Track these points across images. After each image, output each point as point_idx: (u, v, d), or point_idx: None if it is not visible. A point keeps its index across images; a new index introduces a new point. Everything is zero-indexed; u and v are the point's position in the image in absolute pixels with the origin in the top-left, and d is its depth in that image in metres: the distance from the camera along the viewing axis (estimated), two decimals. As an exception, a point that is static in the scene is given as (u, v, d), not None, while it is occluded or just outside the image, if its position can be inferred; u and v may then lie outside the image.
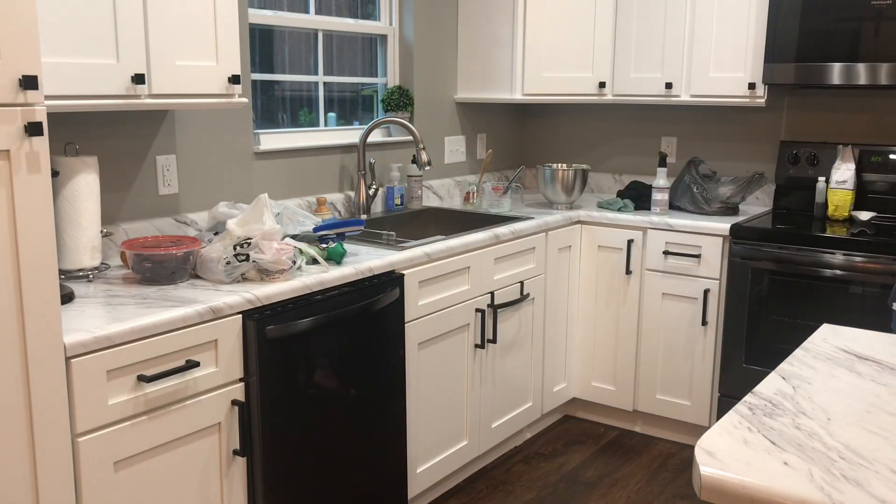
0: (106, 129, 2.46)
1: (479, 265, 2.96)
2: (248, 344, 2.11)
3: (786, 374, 1.58)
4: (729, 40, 3.38)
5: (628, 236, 3.42)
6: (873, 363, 1.65)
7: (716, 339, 3.31)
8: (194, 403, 2.00)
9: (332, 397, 2.39)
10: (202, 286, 2.16)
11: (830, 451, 1.24)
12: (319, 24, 3.31)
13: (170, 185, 2.65)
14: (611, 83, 3.70)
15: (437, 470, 2.91)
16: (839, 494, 1.11)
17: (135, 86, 2.12)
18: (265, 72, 3.15)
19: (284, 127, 3.28)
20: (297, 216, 2.60)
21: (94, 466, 1.80)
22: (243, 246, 2.19)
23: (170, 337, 1.92)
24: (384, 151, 3.49)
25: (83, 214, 2.18)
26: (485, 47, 3.70)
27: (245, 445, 2.13)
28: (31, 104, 1.61)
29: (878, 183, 3.39)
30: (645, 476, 3.22)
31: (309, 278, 2.28)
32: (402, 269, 2.63)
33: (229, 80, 2.35)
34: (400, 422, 2.67)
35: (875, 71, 3.06)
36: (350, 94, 3.58)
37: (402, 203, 3.49)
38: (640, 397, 3.53)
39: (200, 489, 2.05)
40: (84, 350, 1.75)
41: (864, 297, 2.98)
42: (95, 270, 2.22)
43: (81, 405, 1.76)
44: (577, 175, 3.56)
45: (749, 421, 1.35)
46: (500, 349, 3.15)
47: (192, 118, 2.71)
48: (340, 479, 2.44)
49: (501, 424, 3.23)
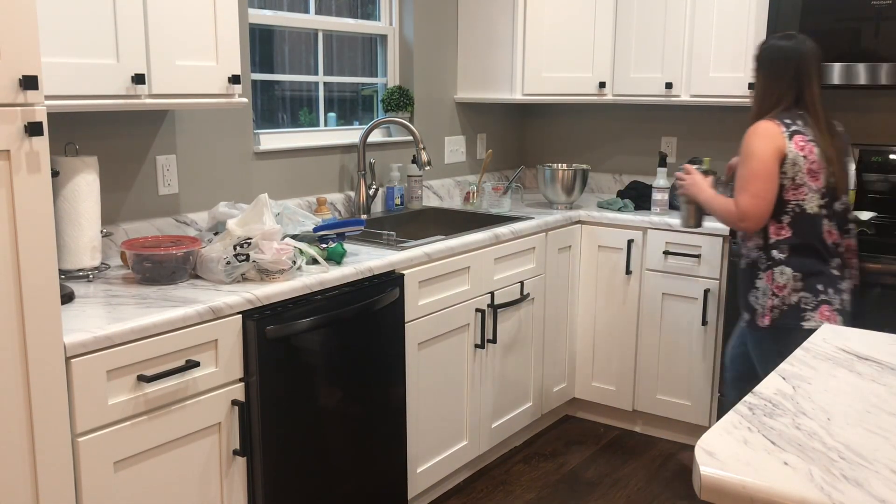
0: (106, 129, 2.46)
1: (479, 265, 2.96)
2: (248, 344, 2.11)
3: (786, 374, 1.58)
4: (729, 40, 3.38)
5: (628, 236, 3.42)
6: (873, 363, 1.65)
7: (716, 339, 3.31)
8: (194, 403, 2.00)
9: (332, 397, 2.39)
10: (202, 286, 2.16)
11: (830, 451, 1.24)
12: (319, 24, 3.31)
13: (170, 185, 2.65)
14: (611, 83, 3.70)
15: (437, 470, 2.91)
16: (839, 494, 1.11)
17: (135, 86, 2.12)
18: (265, 72, 3.15)
19: (284, 127, 3.28)
20: (297, 216, 2.60)
21: (94, 466, 1.80)
22: (243, 246, 2.19)
23: (170, 337, 1.92)
24: (384, 151, 3.49)
25: (83, 214, 2.18)
26: (485, 47, 3.70)
27: (245, 445, 2.13)
28: (31, 104, 1.61)
29: (878, 183, 3.39)
30: (645, 476, 3.22)
31: (309, 278, 2.28)
32: (402, 269, 2.63)
33: (229, 80, 2.35)
34: (400, 422, 2.67)
35: (875, 71, 3.06)
36: (350, 94, 3.58)
37: (402, 203, 3.49)
38: (640, 397, 3.53)
39: (200, 489, 2.05)
40: (84, 350, 1.75)
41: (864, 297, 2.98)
42: (95, 270, 2.22)
43: (81, 405, 1.76)
44: (577, 175, 3.56)
45: (749, 421, 1.35)
46: (500, 349, 3.15)
47: (192, 118, 2.71)
48: (340, 478, 2.44)
49: (501, 424, 3.23)
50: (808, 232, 2.52)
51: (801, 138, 2.49)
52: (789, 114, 2.53)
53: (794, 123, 2.51)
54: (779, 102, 2.55)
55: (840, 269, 2.56)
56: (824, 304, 2.51)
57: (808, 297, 2.51)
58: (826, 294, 2.51)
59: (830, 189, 2.53)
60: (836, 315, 2.52)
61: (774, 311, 2.54)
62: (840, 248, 2.57)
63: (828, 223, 2.53)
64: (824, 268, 2.52)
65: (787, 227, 2.53)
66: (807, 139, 2.49)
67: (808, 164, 2.48)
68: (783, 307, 2.53)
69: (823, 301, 2.51)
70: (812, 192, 2.50)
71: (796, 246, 2.52)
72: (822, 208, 2.52)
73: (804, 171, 2.48)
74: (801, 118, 2.53)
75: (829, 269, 2.53)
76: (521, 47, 3.60)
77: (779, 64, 2.57)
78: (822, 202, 2.52)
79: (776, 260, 2.53)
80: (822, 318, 2.50)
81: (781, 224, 2.53)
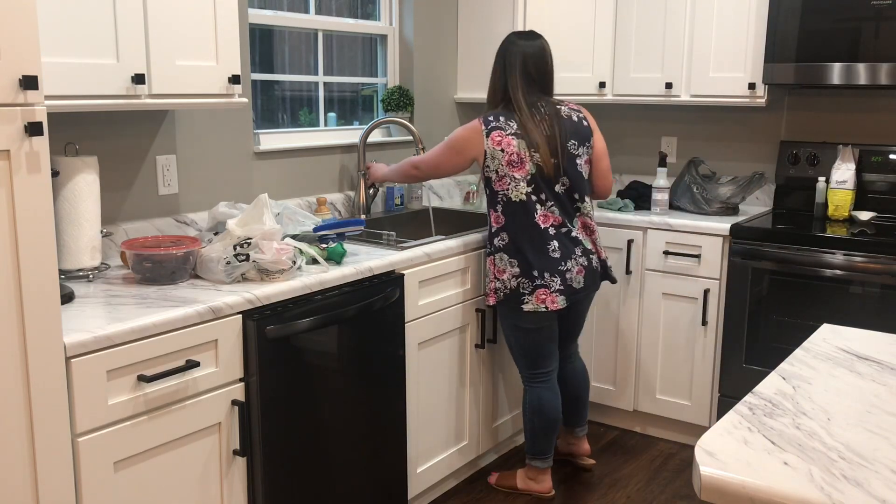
0: (106, 129, 2.46)
1: (479, 265, 2.96)
2: (248, 344, 2.11)
3: (786, 374, 1.58)
4: (729, 40, 3.38)
5: (628, 236, 3.42)
6: (873, 363, 1.65)
7: (716, 339, 3.31)
8: (194, 403, 2.00)
9: (332, 397, 2.39)
10: (202, 286, 2.16)
11: (830, 451, 1.24)
12: (319, 24, 3.31)
13: (170, 185, 2.65)
14: (611, 83, 3.70)
15: (437, 470, 2.91)
16: (839, 494, 1.11)
17: (135, 86, 2.12)
18: (265, 72, 3.15)
19: (284, 127, 3.28)
20: (297, 216, 2.60)
21: (94, 466, 1.80)
22: (243, 246, 2.19)
23: (170, 337, 1.92)
24: (384, 151, 3.49)
25: (83, 214, 2.18)
26: (485, 47, 3.70)
27: (245, 445, 2.13)
28: (32, 104, 1.61)
29: (878, 183, 3.39)
30: (645, 476, 3.22)
31: (309, 278, 2.28)
32: (402, 269, 2.63)
33: (229, 80, 2.35)
34: (400, 422, 2.67)
35: (875, 71, 3.06)
36: (350, 94, 3.58)
37: (402, 203, 3.49)
38: (640, 397, 3.53)
39: (200, 489, 2.05)
40: (84, 350, 1.75)
41: (864, 297, 2.98)
42: (95, 270, 2.22)
43: (81, 405, 1.76)
44: (577, 175, 3.56)
45: (749, 421, 1.35)
46: (500, 349, 3.15)
47: (192, 118, 2.71)
48: (340, 479, 2.44)
49: (501, 424, 3.23)
50: (520, 219, 2.74)
51: (498, 133, 2.72)
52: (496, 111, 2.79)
53: (495, 120, 2.75)
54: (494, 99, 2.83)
55: (565, 248, 2.75)
56: (541, 287, 2.73)
57: (525, 282, 2.75)
58: (542, 279, 2.73)
59: (540, 175, 2.71)
60: (555, 296, 2.74)
61: (498, 293, 2.82)
62: (568, 230, 2.77)
63: (542, 208, 2.72)
64: (540, 253, 2.73)
65: (501, 215, 2.78)
66: (504, 133, 2.71)
67: (507, 157, 2.71)
68: (505, 290, 2.80)
69: (540, 285, 2.74)
70: (516, 180, 2.71)
71: (511, 233, 2.76)
72: (530, 195, 2.71)
73: (504, 162, 2.71)
74: (502, 114, 2.76)
75: (546, 254, 2.72)
76: (521, 47, 3.60)
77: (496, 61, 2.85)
78: (528, 189, 2.71)
79: (496, 247, 2.80)
80: (539, 301, 2.74)
81: (497, 213, 2.78)
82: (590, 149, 2.85)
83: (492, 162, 2.73)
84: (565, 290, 2.76)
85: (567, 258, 2.76)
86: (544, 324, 2.83)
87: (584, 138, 2.82)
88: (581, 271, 2.79)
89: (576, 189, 2.79)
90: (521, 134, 2.71)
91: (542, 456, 2.98)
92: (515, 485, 3.04)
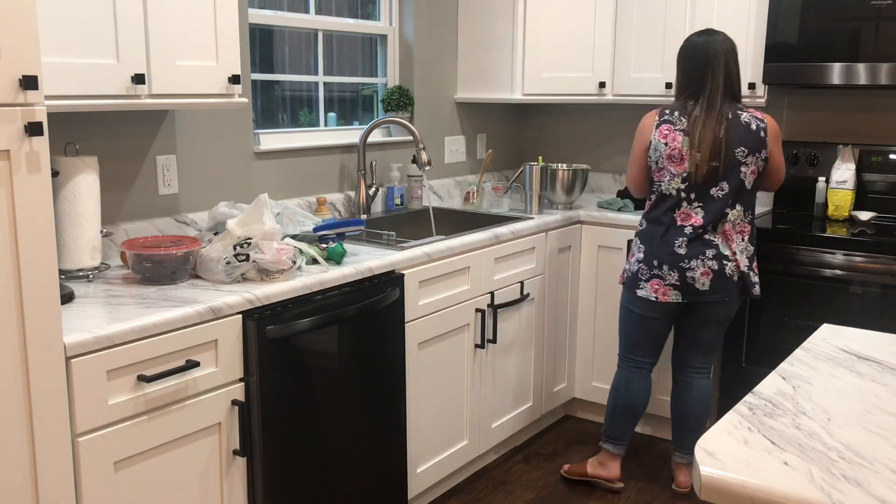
0: (106, 129, 2.46)
1: (479, 265, 2.96)
2: (249, 344, 2.11)
3: (786, 374, 1.58)
4: (729, 40, 3.37)
5: (628, 236, 3.42)
6: (873, 363, 1.65)
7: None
8: (194, 403, 2.00)
9: (332, 397, 2.39)
10: (202, 286, 2.16)
11: (830, 451, 1.24)
12: (319, 24, 3.31)
13: (170, 185, 2.65)
14: (611, 83, 3.70)
15: (437, 470, 2.91)
16: (839, 494, 1.11)
17: (135, 86, 2.12)
18: (265, 72, 3.15)
19: (284, 127, 3.28)
20: (297, 216, 2.60)
21: (94, 466, 1.80)
22: (243, 246, 2.19)
23: (170, 337, 1.92)
24: (384, 151, 3.49)
25: (83, 214, 2.18)
26: (485, 47, 3.70)
27: (245, 445, 2.13)
28: (31, 104, 1.61)
29: (878, 183, 3.39)
30: (645, 476, 3.22)
31: (309, 278, 2.28)
32: (402, 269, 2.63)
33: (229, 80, 2.35)
34: (400, 422, 2.67)
35: (875, 71, 3.06)
36: (350, 94, 3.58)
37: (402, 203, 3.49)
38: (640, 397, 3.52)
39: (200, 489, 2.05)
40: (84, 350, 1.75)
41: (864, 297, 2.98)
42: (95, 270, 2.22)
43: (81, 405, 1.76)
44: (577, 175, 3.56)
45: (749, 421, 1.35)
46: (500, 349, 3.15)
47: (192, 118, 2.71)
48: (340, 478, 2.44)
49: (501, 424, 3.23)
50: (661, 211, 2.79)
51: (668, 127, 2.75)
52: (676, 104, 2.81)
53: (670, 115, 2.77)
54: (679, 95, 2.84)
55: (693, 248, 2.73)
56: (657, 278, 2.78)
57: (644, 269, 2.81)
58: (660, 269, 2.77)
59: (697, 175, 2.71)
60: (668, 290, 2.77)
61: (625, 273, 2.92)
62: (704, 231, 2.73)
63: (687, 206, 2.74)
64: (665, 245, 2.76)
65: (650, 204, 2.84)
66: (673, 128, 2.74)
67: (668, 151, 2.74)
68: (630, 272, 2.89)
69: (657, 276, 2.78)
70: (671, 175, 2.74)
71: (650, 222, 2.83)
72: (681, 191, 2.74)
73: (664, 155, 2.75)
74: (679, 108, 2.78)
75: (671, 248, 2.75)
76: (520, 47, 3.60)
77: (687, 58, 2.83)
78: (681, 185, 2.74)
79: (637, 232, 2.90)
80: (652, 290, 2.79)
81: (650, 201, 2.85)
82: (759, 160, 2.73)
83: (653, 152, 2.77)
84: (682, 286, 2.74)
85: (693, 257, 2.72)
86: (651, 314, 2.84)
87: (755, 148, 2.72)
88: (707, 274, 2.72)
89: (731, 195, 2.72)
90: (689, 132, 2.72)
91: (614, 441, 3.01)
92: (586, 471, 3.08)
